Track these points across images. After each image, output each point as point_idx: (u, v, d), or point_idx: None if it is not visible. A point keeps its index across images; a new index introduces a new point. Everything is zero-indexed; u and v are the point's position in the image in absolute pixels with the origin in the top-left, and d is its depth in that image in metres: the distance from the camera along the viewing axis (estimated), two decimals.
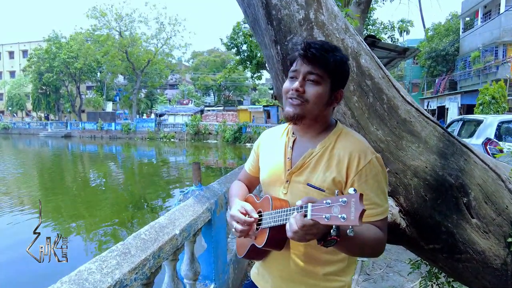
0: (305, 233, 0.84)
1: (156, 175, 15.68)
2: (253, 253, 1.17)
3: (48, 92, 44.46)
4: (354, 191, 0.77)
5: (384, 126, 1.45)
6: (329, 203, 0.79)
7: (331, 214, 0.77)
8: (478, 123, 6.37)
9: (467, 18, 26.32)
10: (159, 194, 11.59)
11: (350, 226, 0.76)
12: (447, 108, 19.52)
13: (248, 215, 1.11)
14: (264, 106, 35.47)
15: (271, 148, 1.22)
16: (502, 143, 4.95)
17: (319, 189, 1.03)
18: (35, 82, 42.59)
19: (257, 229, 1.11)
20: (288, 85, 1.06)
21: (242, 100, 50.72)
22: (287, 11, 1.46)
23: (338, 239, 0.84)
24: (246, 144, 28.35)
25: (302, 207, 0.85)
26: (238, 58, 27.75)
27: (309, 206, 0.83)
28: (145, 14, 74.26)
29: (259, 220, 1.11)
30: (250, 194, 1.29)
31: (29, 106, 48.13)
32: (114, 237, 7.26)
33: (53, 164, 19.17)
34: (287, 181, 1.10)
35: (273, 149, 1.20)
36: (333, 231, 0.80)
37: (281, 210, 0.98)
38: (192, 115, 35.05)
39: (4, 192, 11.28)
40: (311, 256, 1.07)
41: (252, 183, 1.37)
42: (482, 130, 6.05)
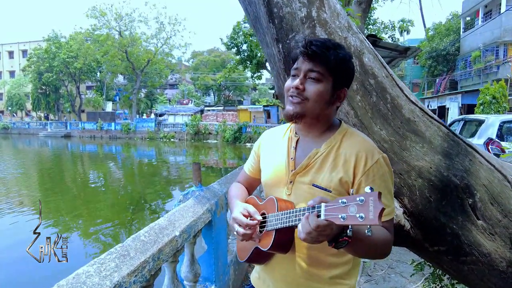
0: (319, 234, 0.81)
1: (156, 175, 15.66)
2: (257, 257, 1.14)
3: (48, 92, 44.47)
4: (371, 190, 0.74)
5: (388, 126, 1.43)
6: (345, 203, 0.76)
7: (348, 214, 0.75)
8: (480, 123, 6.36)
9: (468, 18, 26.32)
10: (159, 194, 11.57)
11: (369, 226, 0.74)
12: (448, 108, 19.50)
13: (251, 217, 1.08)
14: (264, 106, 35.42)
15: (273, 149, 1.18)
16: (504, 143, 4.93)
17: (325, 190, 1.00)
18: (35, 82, 42.61)
19: (261, 232, 1.07)
20: (289, 83, 1.04)
21: (242, 100, 50.70)
22: (289, 9, 1.43)
23: (350, 240, 0.82)
24: (246, 144, 28.35)
25: (315, 207, 0.82)
26: (238, 58, 27.78)
27: (323, 206, 0.80)
28: (145, 14, 74.37)
29: (263, 222, 1.07)
30: (252, 196, 1.25)
31: (29, 106, 48.20)
32: (114, 237, 7.25)
33: (53, 164, 19.14)
34: (291, 182, 1.07)
35: (275, 150, 1.17)
36: (350, 231, 0.79)
37: (289, 212, 0.95)
38: (192, 115, 35.03)
39: (4, 192, 11.26)
40: (317, 259, 1.04)
41: (252, 185, 1.34)
42: (484, 130, 6.03)
